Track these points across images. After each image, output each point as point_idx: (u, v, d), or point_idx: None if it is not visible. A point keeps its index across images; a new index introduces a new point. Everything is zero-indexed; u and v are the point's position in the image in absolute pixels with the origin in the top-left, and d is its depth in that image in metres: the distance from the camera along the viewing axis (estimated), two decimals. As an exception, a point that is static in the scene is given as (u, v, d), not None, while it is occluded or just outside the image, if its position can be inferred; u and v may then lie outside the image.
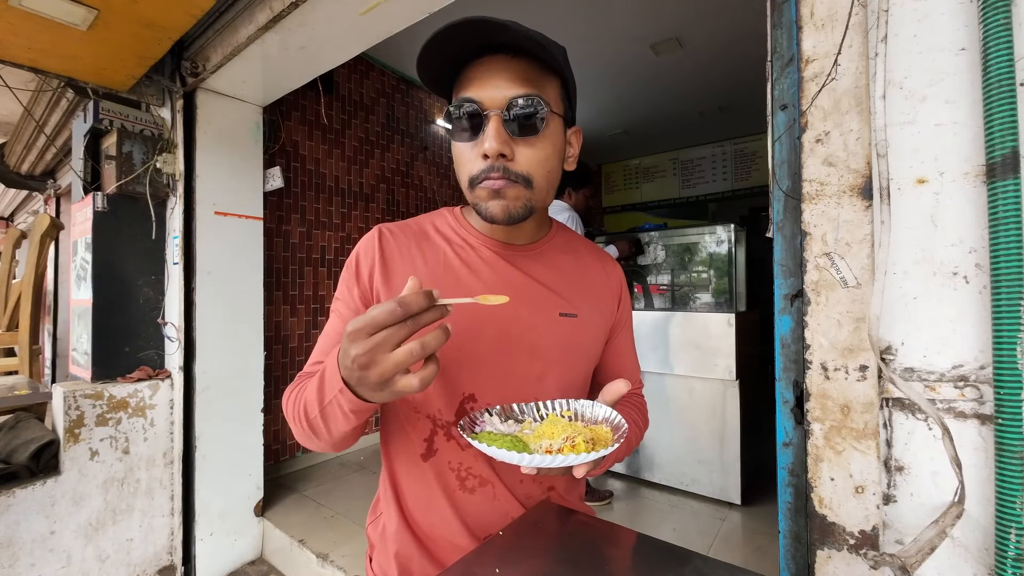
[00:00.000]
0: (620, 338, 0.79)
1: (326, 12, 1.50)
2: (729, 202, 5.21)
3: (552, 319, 0.67)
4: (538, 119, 0.58)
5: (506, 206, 0.60)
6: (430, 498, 0.67)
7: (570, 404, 0.61)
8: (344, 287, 0.68)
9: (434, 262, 0.67)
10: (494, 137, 0.56)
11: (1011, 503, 0.52)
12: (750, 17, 2.79)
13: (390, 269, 0.66)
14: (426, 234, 0.70)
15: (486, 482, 0.66)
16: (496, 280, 0.67)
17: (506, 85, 0.57)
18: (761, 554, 1.96)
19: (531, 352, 0.66)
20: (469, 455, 0.66)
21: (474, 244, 0.69)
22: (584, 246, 0.79)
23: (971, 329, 0.57)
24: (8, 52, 1.58)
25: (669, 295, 2.79)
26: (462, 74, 0.60)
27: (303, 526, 2.16)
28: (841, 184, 0.65)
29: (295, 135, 2.88)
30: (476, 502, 0.66)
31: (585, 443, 0.51)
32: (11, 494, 1.58)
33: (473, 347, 0.64)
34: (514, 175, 0.58)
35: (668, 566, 0.50)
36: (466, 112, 0.58)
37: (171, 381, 2.00)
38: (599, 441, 0.53)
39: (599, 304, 0.74)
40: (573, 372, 0.70)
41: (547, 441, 0.52)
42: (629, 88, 3.86)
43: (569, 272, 0.72)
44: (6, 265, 3.24)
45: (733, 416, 2.33)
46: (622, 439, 0.52)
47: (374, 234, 0.68)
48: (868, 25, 0.63)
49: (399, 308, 0.42)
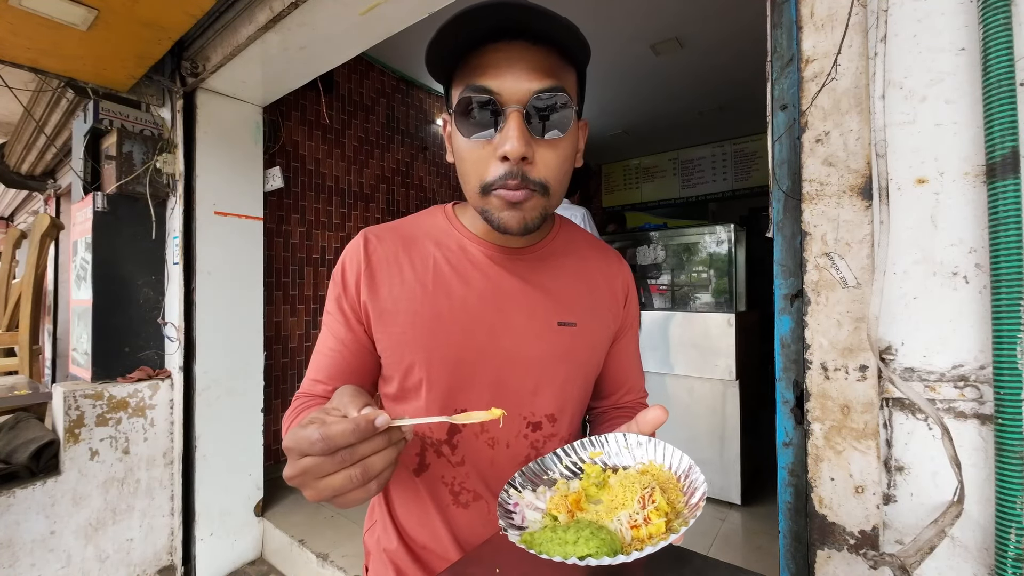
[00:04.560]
0: (624, 341, 0.73)
1: (326, 12, 1.50)
2: (729, 202, 5.21)
3: (549, 329, 0.62)
4: (563, 118, 0.52)
5: (523, 218, 0.53)
6: (422, 513, 0.65)
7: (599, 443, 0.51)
8: (332, 300, 0.64)
9: (422, 269, 0.62)
10: (518, 138, 0.49)
11: (1011, 503, 0.52)
12: (750, 17, 2.79)
13: (376, 279, 0.61)
14: (415, 238, 0.65)
15: (480, 497, 0.64)
16: (489, 289, 0.62)
17: (529, 76, 0.50)
18: (761, 554, 1.96)
19: (526, 364, 0.61)
20: (462, 471, 0.63)
21: (468, 248, 0.64)
22: (588, 244, 0.72)
23: (971, 329, 0.57)
24: (8, 52, 1.58)
25: (669, 295, 2.79)
26: (471, 59, 0.52)
27: (303, 526, 2.16)
28: (841, 184, 0.65)
29: (295, 135, 2.88)
30: (470, 516, 0.64)
31: (664, 500, 0.42)
32: (11, 494, 1.58)
33: (464, 360, 0.60)
34: (533, 183, 0.52)
35: (668, 566, 0.49)
36: (482, 105, 0.51)
37: (171, 381, 2.00)
38: (668, 491, 0.43)
39: (602, 309, 0.68)
40: (571, 385, 0.65)
41: (626, 513, 0.41)
42: (629, 88, 3.85)
43: (570, 276, 0.67)
44: (6, 265, 3.24)
45: (733, 416, 2.33)
46: (695, 498, 0.41)
47: (359, 241, 0.63)
48: (868, 25, 0.63)
49: (320, 441, 0.37)
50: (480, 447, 0.62)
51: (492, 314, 0.61)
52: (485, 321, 0.61)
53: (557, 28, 0.49)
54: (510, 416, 0.61)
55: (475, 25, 0.49)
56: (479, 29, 0.49)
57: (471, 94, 0.51)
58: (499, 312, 0.61)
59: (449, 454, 0.63)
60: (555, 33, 0.50)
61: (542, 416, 0.64)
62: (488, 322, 0.61)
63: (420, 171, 3.74)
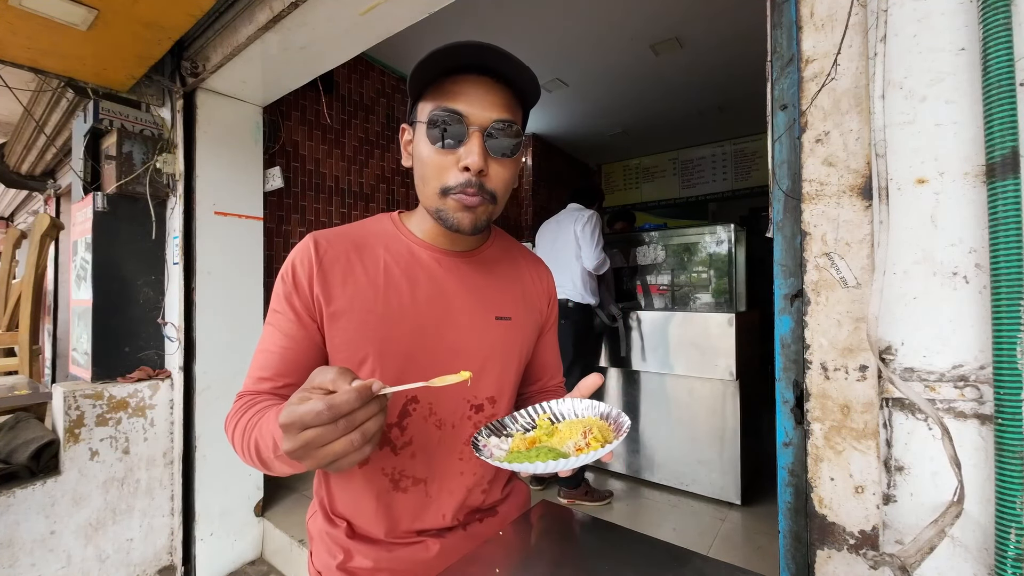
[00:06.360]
0: (549, 336, 0.86)
1: (326, 12, 1.50)
2: (729, 202, 5.21)
3: (488, 322, 0.71)
4: (514, 143, 0.63)
5: (474, 219, 0.64)
6: (359, 499, 0.69)
7: (546, 407, 0.65)
8: (281, 299, 0.67)
9: (374, 271, 0.67)
10: (479, 154, 0.60)
11: (1011, 503, 0.52)
12: (750, 17, 2.79)
13: (329, 280, 0.66)
14: (365, 242, 0.70)
15: (419, 481, 0.69)
16: (435, 289, 0.69)
17: (491, 107, 0.61)
18: (761, 554, 1.96)
19: (468, 355, 0.69)
20: (403, 458, 0.68)
21: (415, 251, 0.71)
22: (520, 252, 0.84)
23: (971, 329, 0.57)
24: (8, 52, 1.58)
25: (669, 295, 2.79)
26: (446, 84, 0.62)
27: (303, 526, 2.14)
28: (841, 184, 0.65)
29: (295, 135, 2.88)
30: (407, 500, 0.69)
31: (600, 434, 0.55)
32: (11, 494, 1.58)
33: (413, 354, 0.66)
34: (486, 192, 0.63)
35: (668, 566, 0.50)
36: (451, 122, 0.61)
37: (171, 381, 2.00)
38: (602, 429, 0.57)
39: (531, 307, 0.79)
40: (507, 371, 0.74)
41: (572, 441, 0.55)
42: (629, 88, 3.85)
43: (505, 277, 0.77)
44: (6, 265, 3.24)
45: (733, 416, 2.33)
46: (621, 430, 0.55)
47: (308, 243, 0.67)
48: (868, 25, 0.63)
49: (326, 411, 0.41)
50: (429, 429, 0.69)
51: (438, 311, 0.69)
52: (432, 318, 0.68)
53: (518, 71, 0.61)
54: (455, 400, 0.70)
55: (457, 59, 0.60)
56: (460, 62, 0.60)
57: (444, 113, 0.61)
58: (444, 310, 0.69)
59: (397, 437, 0.68)
60: (515, 75, 0.62)
61: (484, 399, 0.72)
62: (435, 319, 0.68)
63: (420, 171, 3.74)
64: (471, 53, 0.59)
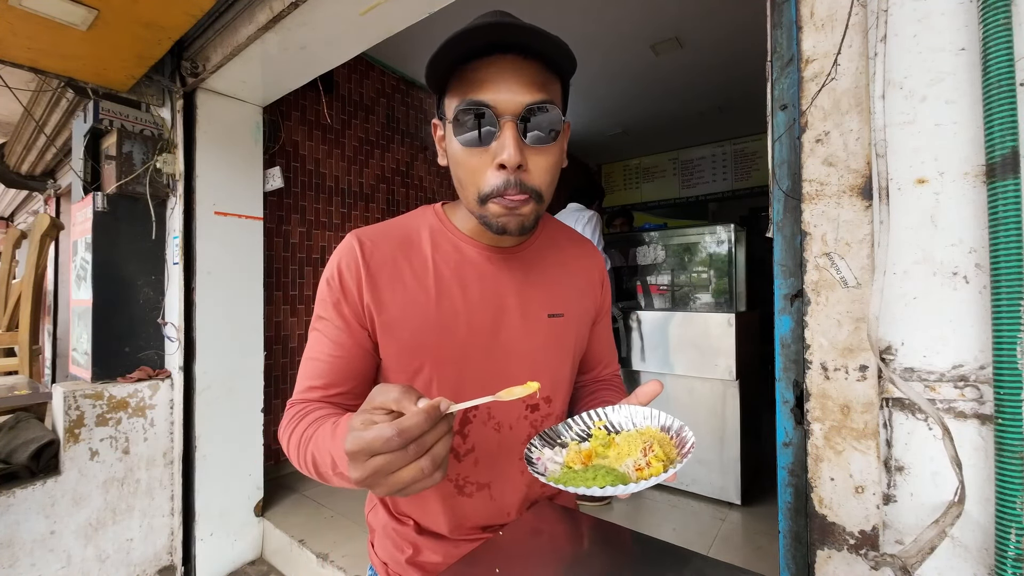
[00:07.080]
0: (602, 324, 0.81)
1: (326, 12, 1.50)
2: (729, 202, 5.21)
3: (540, 322, 0.68)
4: (553, 127, 0.56)
5: (521, 221, 0.58)
6: (424, 503, 0.69)
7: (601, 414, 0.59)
8: (328, 306, 0.63)
9: (423, 273, 0.64)
10: (513, 147, 0.53)
11: (1011, 503, 0.52)
12: (750, 17, 2.79)
13: (379, 285, 0.62)
14: (410, 241, 0.66)
15: (483, 486, 0.68)
16: (487, 289, 0.65)
17: (520, 90, 0.54)
18: (761, 554, 1.96)
19: (522, 355, 0.67)
20: (467, 465, 0.67)
21: (463, 249, 0.66)
22: (566, 238, 0.77)
23: (971, 329, 0.57)
24: (8, 52, 1.58)
25: (669, 295, 2.79)
26: (467, 72, 0.55)
27: (303, 526, 2.16)
28: (841, 184, 0.65)
29: (295, 135, 2.88)
30: (474, 504, 0.68)
31: (662, 451, 0.49)
32: (11, 494, 1.58)
33: (469, 357, 0.64)
34: (529, 189, 0.56)
35: (668, 566, 0.50)
36: (478, 117, 0.54)
37: (171, 381, 2.00)
38: (663, 445, 0.51)
39: (583, 297, 0.74)
40: (562, 368, 0.71)
41: (631, 459, 0.49)
42: (629, 88, 3.85)
43: (554, 269, 0.72)
44: (6, 265, 3.24)
45: (733, 416, 2.33)
46: (685, 448, 0.49)
47: (353, 243, 0.63)
48: (868, 25, 0.63)
49: (396, 437, 0.38)
50: (488, 433, 0.67)
51: (491, 313, 0.65)
52: (485, 321, 0.65)
53: (545, 41, 0.53)
54: (512, 402, 0.66)
55: (474, 41, 0.53)
56: (477, 44, 0.53)
57: (468, 106, 0.54)
58: (497, 310, 0.66)
59: (460, 444, 0.66)
60: (545, 48, 0.54)
61: (540, 399, 0.70)
62: (488, 321, 0.65)
63: (420, 171, 3.74)
64: (485, 35, 0.52)
